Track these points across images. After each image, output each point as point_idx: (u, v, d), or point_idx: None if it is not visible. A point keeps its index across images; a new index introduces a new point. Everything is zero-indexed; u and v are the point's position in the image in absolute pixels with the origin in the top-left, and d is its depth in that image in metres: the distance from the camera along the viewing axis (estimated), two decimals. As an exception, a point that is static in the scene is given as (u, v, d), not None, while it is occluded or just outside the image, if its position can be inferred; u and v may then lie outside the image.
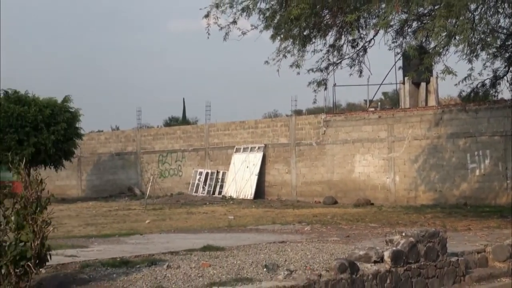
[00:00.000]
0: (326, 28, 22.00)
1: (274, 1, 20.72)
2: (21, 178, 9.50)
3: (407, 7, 18.09)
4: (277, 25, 20.85)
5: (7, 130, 35.83)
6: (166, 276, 9.92)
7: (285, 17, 20.02)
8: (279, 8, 20.65)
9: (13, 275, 8.98)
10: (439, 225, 19.08)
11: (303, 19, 19.80)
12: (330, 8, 20.73)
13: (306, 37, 21.70)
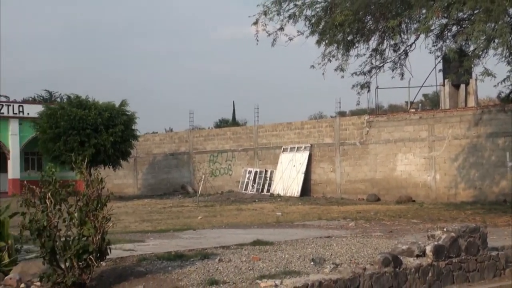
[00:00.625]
0: (369, 33, 21.92)
1: (319, 8, 20.71)
2: (83, 177, 9.66)
3: (447, 12, 17.96)
4: (322, 31, 20.83)
5: (70, 132, 36.38)
6: (218, 269, 9.98)
7: (329, 23, 20.00)
8: (324, 14, 20.63)
9: (77, 268, 9.13)
10: (479, 221, 18.86)
11: (347, 25, 19.75)
12: (372, 14, 20.67)
13: (350, 42, 21.65)
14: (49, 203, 9.24)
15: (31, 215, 9.28)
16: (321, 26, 20.82)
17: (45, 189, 9.32)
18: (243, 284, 8.96)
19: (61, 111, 37.30)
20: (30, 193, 9.41)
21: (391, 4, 19.68)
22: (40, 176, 9.66)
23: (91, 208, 9.17)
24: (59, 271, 9.25)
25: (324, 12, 20.66)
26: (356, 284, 9.38)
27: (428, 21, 17.98)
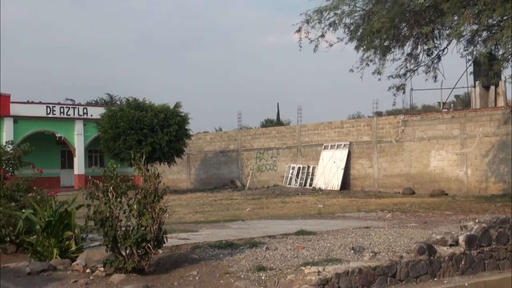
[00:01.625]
0: (404, 39, 21.76)
1: (358, 16, 20.66)
2: (141, 172, 9.74)
3: (478, 18, 17.71)
4: (360, 37, 20.78)
5: (128, 132, 36.78)
6: (265, 257, 9.98)
7: (367, 30, 19.94)
8: (362, 22, 20.57)
9: (136, 255, 9.23)
10: (509, 212, 18.55)
11: (383, 32, 19.67)
12: (407, 21, 20.51)
13: (386, 47, 21.54)
14: (111, 196, 9.35)
15: (95, 207, 9.42)
16: (359, 33, 20.79)
17: (108, 183, 9.44)
18: (288, 271, 8.95)
19: (120, 113, 37.72)
20: (94, 187, 9.55)
21: (424, 11, 19.51)
22: (103, 171, 9.78)
23: (149, 200, 9.26)
24: (120, 257, 9.36)
25: (362, 20, 20.61)
26: (394, 271, 9.31)
27: (459, 27, 17.81)
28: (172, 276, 9.27)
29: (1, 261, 11.42)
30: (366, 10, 20.48)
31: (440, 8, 18.25)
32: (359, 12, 20.71)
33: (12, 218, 11.98)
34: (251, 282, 8.58)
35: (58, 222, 11.12)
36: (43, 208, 11.50)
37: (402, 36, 21.54)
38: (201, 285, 8.72)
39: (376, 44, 21.00)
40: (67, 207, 11.49)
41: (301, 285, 8.35)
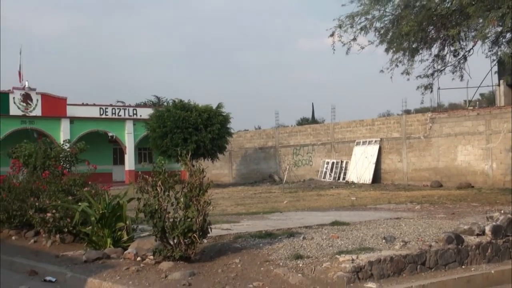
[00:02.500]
0: (432, 41, 21.54)
1: (387, 21, 20.51)
2: (187, 168, 9.79)
3: (502, 21, 17.45)
4: (390, 40, 20.64)
5: (175, 130, 37.02)
6: (302, 246, 9.95)
7: (396, 33, 19.82)
8: (392, 26, 20.43)
9: (183, 244, 9.28)
10: (533, 204, 18.24)
11: (412, 34, 19.50)
12: (434, 24, 20.29)
13: (415, 49, 21.33)
14: (159, 190, 9.42)
15: (145, 200, 9.49)
16: (389, 36, 20.66)
17: (157, 178, 9.51)
18: (324, 259, 8.92)
19: (167, 113, 37.99)
20: (144, 181, 9.62)
21: (451, 15, 19.29)
22: (152, 167, 9.86)
23: (194, 194, 9.30)
24: (168, 246, 9.42)
25: (392, 24, 20.47)
26: (423, 259, 9.21)
27: (484, 29, 17.57)
28: (216, 263, 9.30)
29: (60, 250, 11.61)
30: (395, 15, 20.33)
31: (466, 12, 18.02)
32: (388, 17, 20.58)
33: (70, 211, 12.14)
34: (289, 269, 8.57)
35: (111, 214, 11.25)
36: (97, 201, 11.64)
37: (429, 38, 21.33)
38: (243, 272, 8.73)
39: (405, 46, 20.84)
40: (119, 200, 11.61)
41: (336, 272, 8.32)
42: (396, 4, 20.29)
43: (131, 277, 8.74)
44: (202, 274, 8.74)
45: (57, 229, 12.21)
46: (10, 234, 14.11)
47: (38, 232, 13.04)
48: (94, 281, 8.71)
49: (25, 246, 12.65)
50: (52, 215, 12.14)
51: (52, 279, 9.44)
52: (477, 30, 18.85)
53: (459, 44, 21.54)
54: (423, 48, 21.78)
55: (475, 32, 19.64)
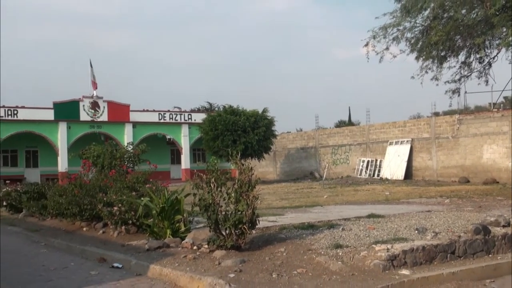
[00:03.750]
0: (459, 49, 21.22)
1: (417, 31, 20.34)
2: (237, 166, 9.82)
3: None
4: (420, 49, 20.43)
5: (225, 133, 37.22)
6: (341, 236, 9.88)
7: (426, 43, 19.62)
8: (421, 36, 20.22)
9: (234, 235, 9.31)
10: (554, 198, 17.76)
11: (440, 44, 19.28)
12: (461, 34, 19.98)
13: (443, 57, 21.07)
14: (213, 186, 9.47)
15: (200, 195, 9.56)
16: (419, 45, 20.44)
17: (210, 176, 9.56)
18: (361, 248, 8.84)
19: (218, 118, 38.21)
20: (199, 179, 9.69)
21: (477, 25, 18.96)
22: (206, 166, 9.92)
23: (244, 189, 9.31)
24: (221, 237, 9.46)
25: (422, 34, 20.26)
26: (453, 248, 9.05)
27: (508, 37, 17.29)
28: (263, 252, 9.30)
29: (125, 240, 11.78)
30: (425, 26, 20.11)
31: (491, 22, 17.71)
32: (418, 28, 20.38)
33: (134, 205, 12.29)
34: (330, 258, 8.52)
35: (170, 208, 11.35)
36: (158, 196, 11.76)
37: (457, 47, 21.02)
38: (288, 260, 8.72)
39: (434, 55, 20.61)
40: (177, 196, 11.71)
41: (372, 260, 8.24)
42: (426, 16, 20.07)
43: (189, 264, 8.81)
44: (252, 261, 8.76)
45: (122, 221, 12.39)
46: (81, 225, 14.37)
47: (106, 224, 13.24)
48: (156, 267, 8.81)
49: (95, 236, 12.87)
50: (118, 208, 12.32)
51: (119, 265, 9.58)
52: (501, 39, 18.55)
53: (484, 52, 21.18)
54: (451, 56, 21.49)
55: (499, 40, 19.34)
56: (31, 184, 20.21)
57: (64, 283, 8.45)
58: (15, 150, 47.41)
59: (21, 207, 18.93)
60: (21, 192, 19.28)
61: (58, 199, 14.96)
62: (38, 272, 9.40)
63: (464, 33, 19.80)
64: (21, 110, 45.03)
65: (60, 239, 12.81)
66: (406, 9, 19.64)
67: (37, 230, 14.74)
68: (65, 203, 14.44)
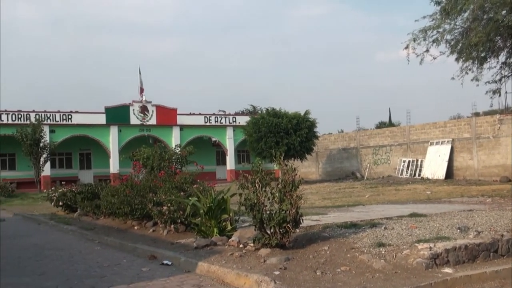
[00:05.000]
0: (499, 50, 20.72)
1: (457, 33, 19.96)
2: (280, 167, 9.80)
3: None
4: (460, 51, 20.04)
5: (268, 135, 37.29)
6: (384, 235, 9.76)
7: (466, 44, 19.23)
8: (461, 38, 19.83)
9: (278, 233, 9.29)
10: None
11: (480, 45, 18.86)
12: (501, 34, 19.52)
13: (483, 58, 20.63)
14: (258, 186, 9.47)
15: (245, 195, 9.57)
16: (459, 47, 20.06)
17: (255, 176, 9.56)
18: (404, 247, 8.71)
19: (262, 120, 38.31)
20: (245, 179, 9.71)
21: (516, 25, 18.52)
22: (250, 167, 9.94)
23: (288, 189, 9.29)
24: (266, 235, 9.46)
25: (461, 36, 19.86)
26: (495, 247, 8.83)
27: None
28: (307, 250, 9.26)
29: (174, 238, 11.90)
30: (465, 27, 19.72)
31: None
32: (458, 29, 20.00)
33: (182, 205, 12.40)
34: (373, 256, 8.42)
35: (216, 207, 11.41)
36: (205, 196, 11.83)
37: (497, 47, 20.53)
38: (331, 258, 8.66)
39: (474, 56, 20.19)
40: (223, 195, 11.76)
41: (415, 258, 8.12)
42: (465, 17, 19.67)
43: (235, 261, 8.84)
44: (296, 259, 8.73)
45: (171, 220, 12.52)
46: (132, 224, 14.59)
47: (156, 223, 13.40)
48: (204, 264, 8.86)
49: (145, 235, 13.03)
50: (167, 208, 12.46)
51: (168, 262, 9.67)
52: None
53: (525, 52, 20.68)
54: (491, 57, 21.01)
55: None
56: (85, 185, 20.61)
57: (117, 279, 8.58)
58: (69, 153, 48.50)
59: (76, 207, 19.33)
60: (75, 192, 19.68)
61: (111, 199, 15.22)
62: (93, 268, 9.58)
63: (505, 34, 19.34)
64: (75, 114, 46.06)
65: (113, 237, 13.01)
66: (445, 11, 19.30)
67: (91, 229, 15.02)
68: (117, 203, 14.68)
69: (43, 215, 20.45)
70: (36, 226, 17.78)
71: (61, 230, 16.03)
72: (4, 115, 43.52)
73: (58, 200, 20.55)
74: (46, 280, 8.64)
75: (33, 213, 21.91)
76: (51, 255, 11.21)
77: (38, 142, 39.80)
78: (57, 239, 13.97)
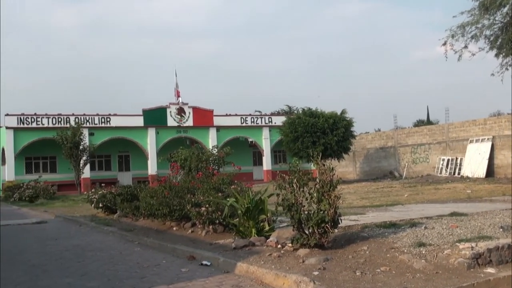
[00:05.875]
0: (540, 45, 20.25)
1: (497, 28, 19.57)
2: (318, 167, 9.75)
3: None
4: (500, 46, 19.68)
5: (305, 135, 37.20)
6: (424, 235, 9.63)
7: (506, 39, 18.86)
8: (501, 33, 19.45)
9: (317, 233, 9.26)
10: None
11: (521, 40, 18.48)
12: (543, 29, 19.10)
13: (524, 53, 20.19)
14: (295, 187, 9.46)
15: (283, 195, 9.56)
16: (498, 42, 19.67)
17: (292, 176, 9.56)
18: (445, 246, 8.57)
19: (298, 120, 38.23)
20: (282, 179, 9.70)
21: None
22: (288, 167, 9.93)
23: (326, 189, 9.24)
24: (304, 235, 9.43)
25: (501, 31, 19.49)
26: (540, 247, 8.62)
27: None
28: (346, 250, 9.21)
29: (213, 239, 11.96)
30: (504, 23, 19.34)
31: None
32: (498, 25, 19.63)
33: (220, 205, 12.46)
34: (413, 256, 8.32)
35: (254, 208, 11.43)
36: (242, 197, 11.85)
37: (540, 42, 20.07)
38: (371, 258, 8.58)
39: (514, 51, 19.79)
40: (261, 196, 11.77)
41: (456, 258, 7.98)
42: (505, 12, 19.30)
43: (274, 262, 8.83)
44: (335, 259, 8.68)
45: (210, 221, 12.59)
46: (171, 225, 14.70)
47: (195, 224, 13.47)
48: (243, 265, 8.88)
49: (184, 235, 13.13)
50: (205, 209, 12.53)
51: (207, 263, 9.72)
52: None
53: None
54: (532, 52, 20.54)
55: None
56: (124, 186, 20.86)
57: (157, 279, 8.67)
58: (108, 155, 49.25)
59: (116, 208, 19.59)
60: (115, 194, 19.94)
61: (150, 200, 15.38)
62: (133, 269, 9.70)
63: (546, 28, 18.92)
64: (113, 117, 46.77)
65: (152, 238, 13.15)
66: (484, 7, 18.99)
67: (130, 230, 15.20)
68: (156, 204, 14.82)
69: (84, 216, 20.79)
70: (77, 228, 18.08)
71: (101, 231, 16.27)
72: (45, 119, 44.47)
73: (98, 202, 20.85)
74: (88, 281, 8.78)
75: (74, 214, 22.30)
76: (92, 256, 11.39)
77: (78, 145, 40.52)
78: (97, 240, 14.19)
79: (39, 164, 46.78)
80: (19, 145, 43.74)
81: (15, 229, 18.40)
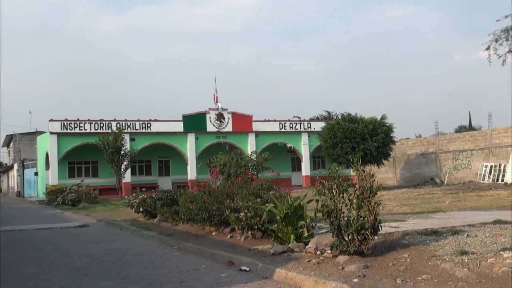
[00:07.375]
0: None
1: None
2: (358, 173, 9.67)
3: None
4: (546, 50, 19.18)
5: (344, 140, 36.91)
6: (466, 243, 9.43)
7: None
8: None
9: (356, 240, 9.17)
10: None
11: None
12: None
13: None
14: (335, 193, 9.40)
15: (322, 201, 9.51)
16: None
17: (332, 182, 9.49)
18: (488, 255, 8.38)
19: (337, 125, 37.98)
20: (321, 185, 9.65)
21: None
22: (327, 173, 9.87)
23: (366, 196, 9.16)
24: (343, 242, 9.36)
25: (547, 34, 19.01)
26: None
27: None
28: (386, 258, 9.09)
29: (252, 244, 11.97)
30: (551, 25, 18.87)
31: None
32: (544, 27, 19.14)
33: (259, 211, 12.46)
34: (455, 264, 8.15)
35: (293, 214, 11.40)
36: (281, 202, 11.84)
37: None
38: (412, 266, 8.45)
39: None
40: (299, 202, 11.73)
41: (500, 267, 7.78)
42: (550, 15, 18.82)
43: (313, 268, 8.78)
44: (375, 267, 8.58)
45: (248, 227, 12.60)
46: (210, 230, 14.77)
47: (233, 229, 13.50)
48: (281, 271, 8.86)
49: (223, 241, 13.17)
50: (244, 214, 12.55)
51: (246, 268, 9.73)
52: None
53: None
54: None
55: None
56: (164, 191, 21.05)
57: (197, 284, 8.71)
58: (149, 160, 49.85)
59: (156, 213, 19.79)
60: (155, 199, 20.14)
61: (189, 205, 15.49)
62: (172, 273, 9.77)
63: None
64: (154, 123, 47.35)
65: (192, 243, 13.23)
66: (529, 10, 18.55)
67: (170, 234, 15.33)
68: (195, 209, 14.92)
69: (125, 220, 21.07)
70: (118, 232, 18.34)
71: (141, 235, 16.46)
72: (88, 124, 45.30)
73: (139, 206, 21.10)
74: (128, 285, 8.89)
75: (115, 219, 22.62)
76: (132, 260, 11.53)
77: (119, 150, 41.11)
78: (138, 244, 14.35)
79: (82, 169, 47.66)
80: (62, 150, 44.66)
81: (58, 232, 18.79)
